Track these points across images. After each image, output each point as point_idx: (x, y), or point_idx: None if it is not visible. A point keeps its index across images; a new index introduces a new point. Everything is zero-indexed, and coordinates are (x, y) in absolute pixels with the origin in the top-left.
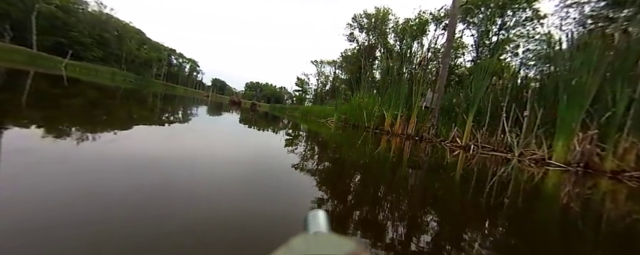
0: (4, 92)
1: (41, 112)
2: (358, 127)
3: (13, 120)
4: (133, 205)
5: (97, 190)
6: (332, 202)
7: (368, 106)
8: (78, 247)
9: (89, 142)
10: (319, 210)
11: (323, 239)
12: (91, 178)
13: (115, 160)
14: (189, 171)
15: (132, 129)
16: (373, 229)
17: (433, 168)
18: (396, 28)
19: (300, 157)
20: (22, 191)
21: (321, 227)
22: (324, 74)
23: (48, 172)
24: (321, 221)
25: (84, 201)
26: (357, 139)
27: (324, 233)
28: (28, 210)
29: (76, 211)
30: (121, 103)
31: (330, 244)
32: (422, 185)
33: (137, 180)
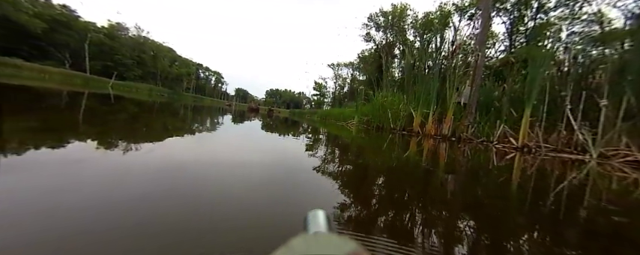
0: (68, 111)
1: (94, 127)
2: (382, 128)
3: (75, 133)
4: (176, 200)
5: (144, 190)
6: (355, 214)
7: (392, 106)
8: (137, 226)
9: (133, 151)
10: (319, 210)
11: (323, 239)
12: (137, 180)
13: (152, 164)
14: (214, 175)
15: (166, 139)
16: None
17: (488, 177)
18: (415, 23)
19: (319, 165)
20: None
21: (321, 227)
22: (341, 77)
23: (107, 175)
24: (321, 221)
25: (136, 197)
26: (382, 142)
27: (324, 233)
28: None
29: (128, 206)
30: (156, 115)
31: (330, 244)
32: (476, 200)
33: (174, 181)
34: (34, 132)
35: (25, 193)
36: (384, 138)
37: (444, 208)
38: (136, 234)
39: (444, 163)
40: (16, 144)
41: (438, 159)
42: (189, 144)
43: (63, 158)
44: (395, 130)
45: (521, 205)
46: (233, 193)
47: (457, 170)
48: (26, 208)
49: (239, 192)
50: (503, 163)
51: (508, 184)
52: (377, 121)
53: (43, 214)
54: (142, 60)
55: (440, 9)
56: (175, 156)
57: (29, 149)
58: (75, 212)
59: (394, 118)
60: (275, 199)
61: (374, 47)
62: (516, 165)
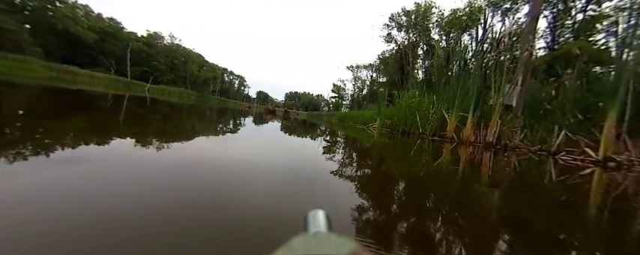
0: (111, 112)
1: (133, 127)
2: (409, 133)
3: (118, 133)
4: (205, 191)
5: (173, 183)
6: (377, 231)
7: (421, 108)
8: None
9: (165, 148)
10: (319, 210)
11: (323, 239)
12: (166, 175)
13: (180, 160)
14: (231, 175)
15: (194, 138)
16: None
17: (566, 205)
18: (440, 21)
19: (335, 172)
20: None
21: (321, 227)
22: (360, 79)
23: (146, 169)
24: (321, 221)
25: (167, 188)
26: (410, 148)
27: (324, 233)
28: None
29: (163, 196)
30: (186, 116)
31: (330, 244)
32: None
33: (202, 173)
34: (87, 131)
35: (89, 177)
36: (412, 144)
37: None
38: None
39: (496, 179)
40: (77, 139)
41: (487, 172)
42: (212, 144)
43: (109, 151)
44: (424, 135)
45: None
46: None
47: (512, 188)
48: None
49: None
50: (575, 180)
51: (599, 211)
52: (402, 124)
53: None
54: (174, 65)
55: (469, 5)
56: (198, 153)
57: (84, 144)
58: (120, 192)
59: (423, 121)
60: (286, 206)
61: (395, 48)
62: (602, 184)
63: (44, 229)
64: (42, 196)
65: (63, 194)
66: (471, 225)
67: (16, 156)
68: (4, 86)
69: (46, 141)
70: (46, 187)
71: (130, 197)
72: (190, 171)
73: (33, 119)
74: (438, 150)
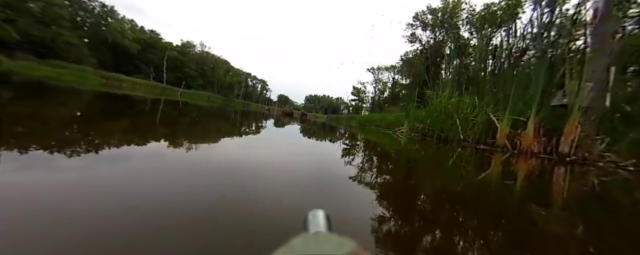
0: (150, 114)
1: (167, 127)
2: (446, 139)
3: (152, 132)
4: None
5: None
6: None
7: (461, 110)
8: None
9: (193, 149)
10: (319, 210)
11: (323, 239)
12: (195, 172)
13: (209, 159)
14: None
15: (220, 139)
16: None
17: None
18: (471, 18)
19: (356, 186)
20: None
21: (321, 227)
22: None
23: (179, 167)
24: (321, 221)
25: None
26: (453, 159)
27: (324, 233)
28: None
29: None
30: (214, 117)
31: (330, 243)
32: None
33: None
34: (128, 130)
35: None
36: (452, 153)
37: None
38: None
39: (584, 205)
40: (121, 137)
41: (562, 194)
42: (231, 144)
43: (143, 148)
44: (466, 142)
45: None
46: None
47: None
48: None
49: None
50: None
51: None
52: (436, 129)
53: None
54: (204, 71)
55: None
56: (221, 153)
57: (129, 142)
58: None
59: (464, 126)
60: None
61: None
62: None
63: (100, 204)
64: (91, 184)
65: (107, 182)
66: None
67: (68, 151)
68: (67, 92)
69: (97, 141)
70: (95, 177)
71: (163, 187)
72: (207, 166)
73: (87, 119)
74: (489, 162)
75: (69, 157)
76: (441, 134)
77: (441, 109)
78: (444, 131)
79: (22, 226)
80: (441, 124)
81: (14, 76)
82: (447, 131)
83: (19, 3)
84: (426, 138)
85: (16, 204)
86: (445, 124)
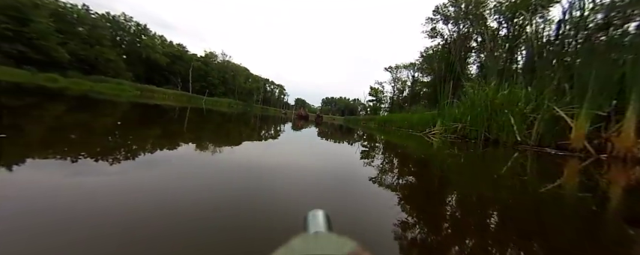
0: (177, 122)
1: (193, 133)
2: (496, 142)
3: (179, 136)
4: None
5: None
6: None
7: (513, 104)
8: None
9: (214, 152)
10: (319, 210)
11: (323, 239)
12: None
13: (227, 162)
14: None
15: (241, 143)
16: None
17: None
18: (499, 6)
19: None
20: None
21: (321, 227)
22: (400, 80)
23: (203, 170)
24: (321, 221)
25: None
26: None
27: (324, 233)
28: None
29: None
30: (234, 123)
31: (330, 243)
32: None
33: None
34: (159, 135)
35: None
36: (520, 160)
37: None
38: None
39: None
40: (154, 141)
41: None
42: (248, 150)
43: (169, 151)
44: (525, 145)
45: None
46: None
47: None
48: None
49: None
50: None
51: None
52: (481, 129)
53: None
54: (225, 79)
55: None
56: (237, 156)
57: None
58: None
59: (520, 124)
60: None
61: (441, 42)
62: None
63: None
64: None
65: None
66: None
67: (109, 156)
68: (108, 103)
69: (134, 147)
70: (131, 179)
71: (187, 189)
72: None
73: (127, 127)
74: (578, 174)
75: (113, 162)
76: (487, 135)
77: (486, 103)
78: (492, 131)
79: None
80: (488, 122)
81: (67, 91)
82: (497, 131)
83: (69, 27)
84: (467, 140)
85: (74, 204)
86: (493, 123)
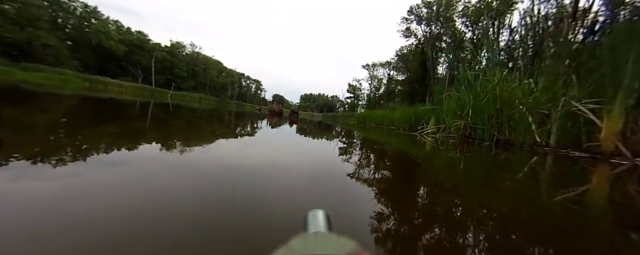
0: (138, 119)
1: (157, 132)
2: (508, 143)
3: (143, 138)
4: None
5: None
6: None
7: (526, 97)
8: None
9: (187, 151)
10: (319, 210)
11: (323, 239)
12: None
13: (200, 162)
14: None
15: (213, 140)
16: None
17: None
18: (466, 10)
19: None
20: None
21: (321, 227)
22: (376, 78)
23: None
24: (321, 221)
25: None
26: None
27: (324, 233)
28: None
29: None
30: (205, 120)
31: (330, 243)
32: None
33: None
34: (116, 135)
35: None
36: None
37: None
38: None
39: None
40: (108, 142)
41: None
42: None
43: (131, 152)
44: (546, 147)
45: None
46: None
47: None
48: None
49: None
50: None
51: None
52: (488, 127)
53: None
54: (195, 72)
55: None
56: (204, 159)
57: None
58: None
59: (536, 121)
60: None
61: (415, 43)
62: None
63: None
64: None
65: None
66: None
67: (56, 159)
68: (48, 96)
69: (84, 146)
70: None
71: (153, 193)
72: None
73: (76, 125)
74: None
75: (59, 165)
76: (495, 135)
77: (494, 96)
78: (502, 131)
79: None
80: (496, 119)
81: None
82: (507, 130)
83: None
84: (471, 140)
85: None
86: (503, 120)
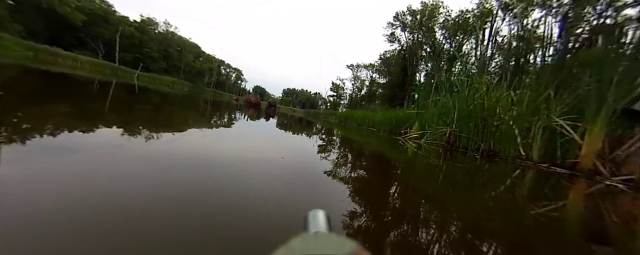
0: (96, 99)
1: (118, 116)
2: (493, 154)
3: (101, 122)
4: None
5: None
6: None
7: (509, 109)
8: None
9: (153, 140)
10: (319, 210)
11: (323, 239)
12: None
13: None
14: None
15: (185, 129)
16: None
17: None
18: (446, 22)
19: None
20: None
21: (321, 227)
22: (359, 79)
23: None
24: (321, 221)
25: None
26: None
27: (324, 233)
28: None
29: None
30: (177, 107)
31: (330, 244)
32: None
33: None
34: (70, 117)
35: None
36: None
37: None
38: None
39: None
40: (59, 127)
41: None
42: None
43: (91, 141)
44: (526, 160)
45: None
46: None
47: None
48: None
49: None
50: None
51: None
52: (472, 136)
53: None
54: (169, 54)
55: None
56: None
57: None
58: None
59: (522, 136)
60: None
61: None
62: None
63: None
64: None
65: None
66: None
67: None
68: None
69: (26, 126)
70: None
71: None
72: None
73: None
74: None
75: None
76: (480, 144)
77: (481, 105)
78: (485, 140)
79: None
80: (483, 129)
81: None
82: (492, 141)
83: None
84: (454, 149)
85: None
86: (488, 130)
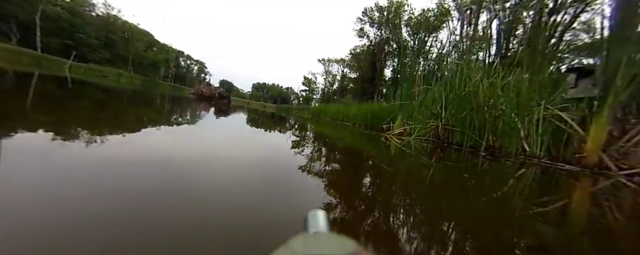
0: (8, 97)
1: (47, 116)
2: (493, 151)
3: (21, 127)
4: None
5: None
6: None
7: (512, 99)
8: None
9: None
10: (319, 210)
11: (323, 239)
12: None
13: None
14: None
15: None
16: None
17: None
18: (410, 20)
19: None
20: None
21: (321, 227)
22: (331, 73)
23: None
24: (321, 221)
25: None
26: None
27: (324, 233)
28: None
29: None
30: (126, 103)
31: (330, 244)
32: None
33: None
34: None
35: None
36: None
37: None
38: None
39: None
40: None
41: None
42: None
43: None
44: (532, 157)
45: None
46: None
47: None
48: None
49: None
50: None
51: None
52: (470, 132)
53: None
54: (111, 41)
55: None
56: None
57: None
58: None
59: (526, 130)
60: None
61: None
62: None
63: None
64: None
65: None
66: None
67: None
68: None
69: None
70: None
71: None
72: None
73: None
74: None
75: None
76: (480, 141)
77: (475, 92)
78: (481, 134)
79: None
80: (480, 122)
81: None
82: (491, 136)
83: None
84: (446, 145)
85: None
86: (486, 123)
